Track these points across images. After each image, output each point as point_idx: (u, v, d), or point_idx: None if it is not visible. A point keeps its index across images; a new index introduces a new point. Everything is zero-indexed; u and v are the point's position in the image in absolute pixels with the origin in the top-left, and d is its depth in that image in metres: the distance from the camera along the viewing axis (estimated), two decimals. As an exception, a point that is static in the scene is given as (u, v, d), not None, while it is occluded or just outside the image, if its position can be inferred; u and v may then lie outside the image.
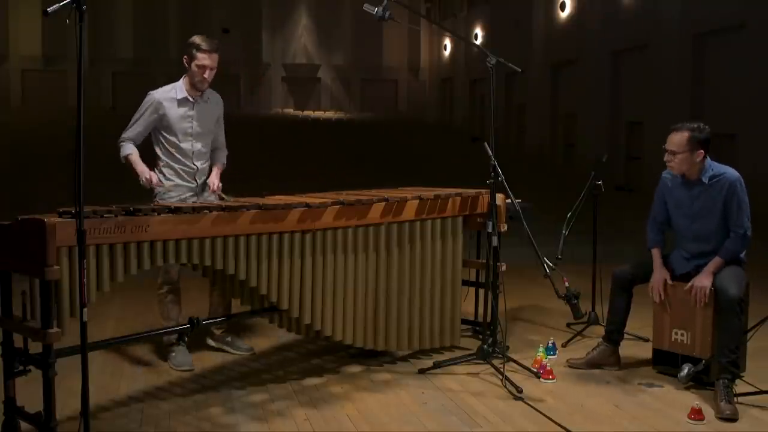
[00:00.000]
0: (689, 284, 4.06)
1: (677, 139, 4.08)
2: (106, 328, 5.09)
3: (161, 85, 4.45)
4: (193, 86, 4.34)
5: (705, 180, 4.09)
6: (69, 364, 3.20)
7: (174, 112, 4.31)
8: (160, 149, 4.38)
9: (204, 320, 3.97)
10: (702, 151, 4.06)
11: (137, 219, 3.18)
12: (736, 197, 4.03)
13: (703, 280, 4.01)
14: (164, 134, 4.34)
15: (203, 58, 4.26)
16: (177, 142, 4.34)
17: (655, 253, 4.28)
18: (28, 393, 3.21)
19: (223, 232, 3.50)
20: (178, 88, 4.35)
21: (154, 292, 4.44)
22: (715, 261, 4.03)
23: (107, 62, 28.88)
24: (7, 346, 3.14)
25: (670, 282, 4.17)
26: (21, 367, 3.12)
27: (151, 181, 4.22)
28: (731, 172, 4.09)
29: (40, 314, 2.94)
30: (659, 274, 4.20)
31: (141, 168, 4.24)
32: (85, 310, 2.77)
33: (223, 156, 4.60)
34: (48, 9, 2.67)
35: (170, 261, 3.37)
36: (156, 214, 3.25)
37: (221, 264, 3.54)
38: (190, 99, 4.35)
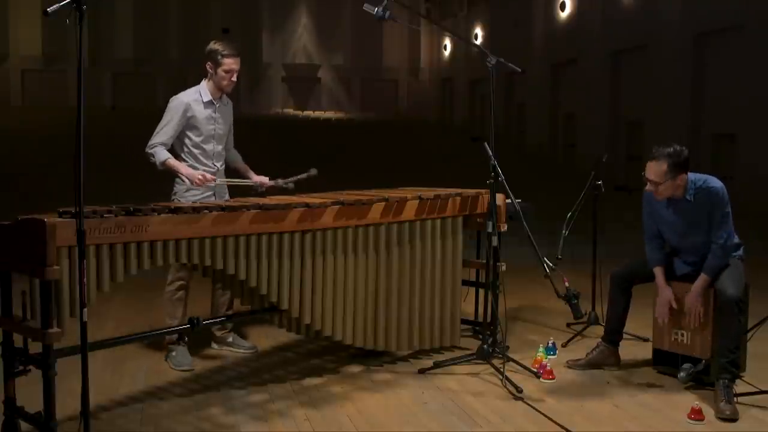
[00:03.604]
0: (686, 304, 4.05)
1: (657, 169, 3.96)
2: (106, 328, 5.09)
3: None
4: (219, 90, 4.44)
5: (690, 198, 4.03)
6: (69, 364, 3.20)
7: (201, 114, 4.40)
8: (184, 152, 4.44)
9: (204, 321, 3.97)
10: (684, 174, 3.98)
11: (137, 219, 3.18)
12: (719, 208, 3.97)
13: (695, 301, 4.01)
14: (190, 136, 4.41)
15: (230, 63, 4.37)
16: (202, 143, 4.42)
17: (658, 272, 4.19)
18: (28, 393, 3.21)
19: (223, 232, 3.50)
20: (203, 91, 4.44)
21: (154, 292, 4.45)
22: (702, 279, 4.00)
23: (107, 62, 28.87)
24: (7, 346, 3.14)
25: (674, 306, 4.10)
26: (21, 367, 3.12)
27: (205, 179, 4.28)
28: (714, 181, 4.02)
29: (40, 314, 2.94)
30: (664, 296, 4.14)
31: (187, 170, 4.31)
32: (85, 310, 2.77)
33: (239, 155, 4.78)
34: (48, 9, 2.67)
35: (170, 261, 3.37)
36: (156, 214, 3.25)
37: (221, 264, 3.54)
38: (214, 102, 4.46)
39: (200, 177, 4.27)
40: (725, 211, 3.99)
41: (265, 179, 4.67)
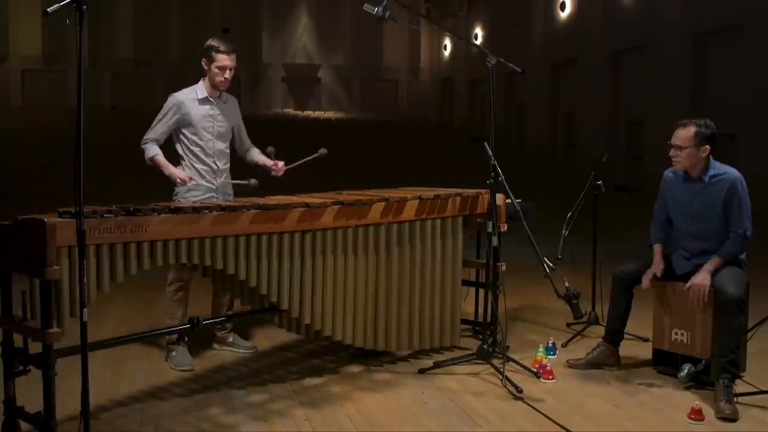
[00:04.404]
0: (688, 284, 4.06)
1: (683, 134, 4.07)
2: (106, 328, 5.09)
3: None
4: (214, 87, 4.46)
5: (706, 179, 4.08)
6: (69, 364, 3.20)
7: (196, 111, 4.41)
8: (183, 149, 4.46)
9: (204, 321, 3.97)
10: (708, 146, 4.05)
11: (137, 219, 3.18)
12: (737, 197, 4.01)
13: (702, 279, 4.00)
14: (187, 134, 4.43)
15: (223, 59, 4.38)
16: (199, 141, 4.44)
17: (657, 247, 4.25)
18: (28, 393, 3.21)
19: (223, 232, 3.50)
20: (199, 89, 4.46)
21: (154, 292, 4.45)
22: (714, 260, 4.01)
23: (107, 62, 28.90)
24: (7, 346, 3.14)
25: (659, 275, 4.16)
26: (21, 367, 3.12)
27: (185, 180, 4.32)
28: (733, 172, 4.08)
29: (40, 314, 2.94)
30: (656, 266, 4.19)
31: (170, 170, 4.33)
32: (85, 310, 2.77)
33: (258, 151, 4.80)
34: (48, 9, 2.67)
35: (170, 261, 3.37)
36: (156, 214, 3.25)
37: (221, 264, 3.54)
38: (211, 99, 4.47)
39: (181, 178, 4.29)
40: (743, 200, 4.02)
41: (281, 164, 4.70)
